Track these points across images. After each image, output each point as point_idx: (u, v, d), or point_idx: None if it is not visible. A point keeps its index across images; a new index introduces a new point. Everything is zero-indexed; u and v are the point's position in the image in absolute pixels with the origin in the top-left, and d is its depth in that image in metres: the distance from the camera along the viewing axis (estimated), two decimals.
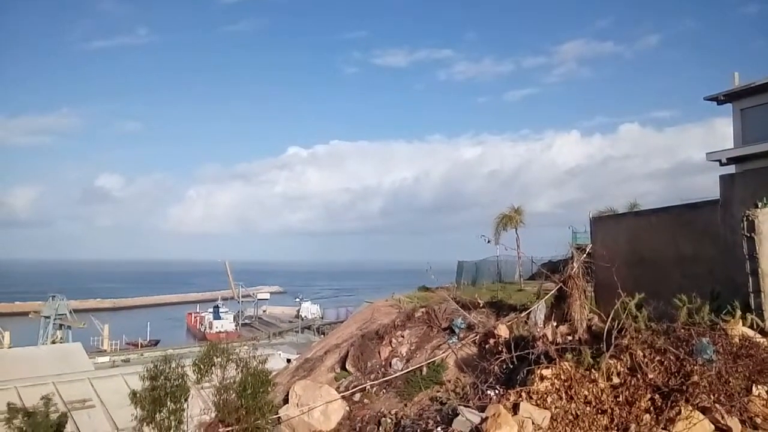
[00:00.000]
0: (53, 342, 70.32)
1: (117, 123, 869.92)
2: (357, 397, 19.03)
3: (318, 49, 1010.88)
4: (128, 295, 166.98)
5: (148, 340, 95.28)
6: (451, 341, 19.59)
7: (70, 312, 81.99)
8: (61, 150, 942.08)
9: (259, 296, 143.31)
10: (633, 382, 9.80)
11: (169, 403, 15.24)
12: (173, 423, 15.18)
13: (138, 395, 15.26)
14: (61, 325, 79.23)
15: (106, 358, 73.29)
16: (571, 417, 9.22)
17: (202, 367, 16.09)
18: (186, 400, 15.65)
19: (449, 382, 17.57)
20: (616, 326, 11.59)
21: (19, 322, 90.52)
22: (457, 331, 20.00)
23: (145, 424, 15.16)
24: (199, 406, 18.49)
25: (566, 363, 10.72)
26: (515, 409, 9.47)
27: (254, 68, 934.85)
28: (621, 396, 9.54)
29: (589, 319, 14.98)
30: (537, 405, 9.56)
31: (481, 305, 22.50)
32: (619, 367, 10.31)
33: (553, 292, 17.37)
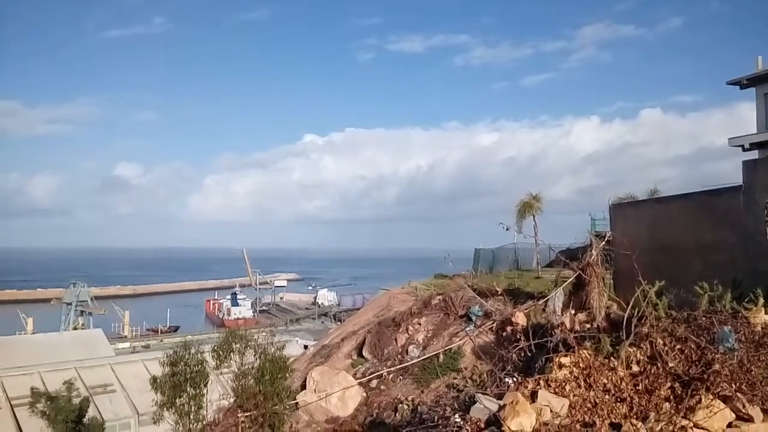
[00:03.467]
0: (75, 328, 71.55)
1: (134, 112, 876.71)
2: (374, 383, 19.12)
3: (333, 35, 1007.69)
4: (148, 282, 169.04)
5: (167, 326, 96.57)
6: (468, 329, 19.58)
7: (91, 299, 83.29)
8: (80, 139, 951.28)
9: (277, 283, 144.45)
10: (653, 371, 9.69)
11: (188, 388, 15.42)
12: (193, 408, 15.38)
13: (158, 380, 15.46)
14: (82, 312, 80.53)
15: (126, 344, 74.49)
16: (589, 405, 9.15)
17: (221, 353, 16.24)
18: (205, 385, 15.82)
19: (466, 369, 17.59)
20: (635, 314, 11.49)
21: (42, 309, 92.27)
22: (474, 318, 19.99)
23: (165, 408, 15.36)
24: (218, 392, 18.72)
25: (585, 351, 10.63)
26: (533, 396, 9.41)
27: (269, 55, 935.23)
28: (640, 384, 9.45)
29: (607, 307, 14.89)
30: (555, 393, 9.49)
31: (498, 293, 22.42)
32: (638, 355, 10.20)
33: (571, 279, 17.26)
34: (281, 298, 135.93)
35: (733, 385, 8.84)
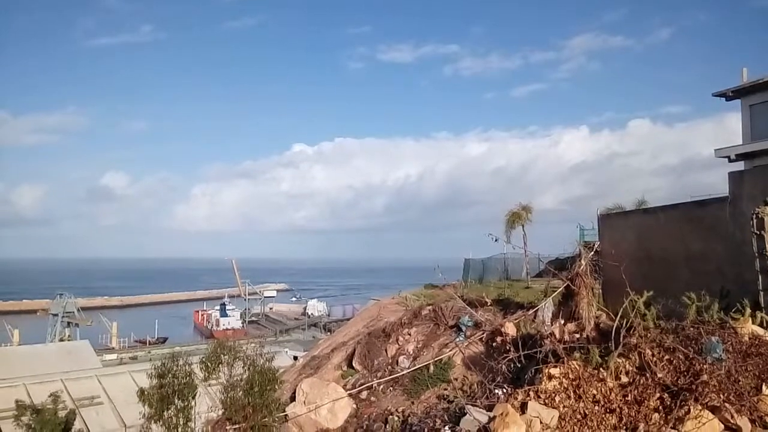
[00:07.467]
0: (61, 340, 70.64)
1: (122, 121, 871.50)
2: (364, 394, 19.04)
3: (323, 44, 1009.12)
4: (136, 293, 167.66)
5: (155, 337, 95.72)
6: (458, 339, 19.57)
7: (78, 310, 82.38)
8: (67, 148, 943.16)
9: (266, 294, 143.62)
10: (642, 381, 9.75)
11: (176, 400, 15.28)
12: (181, 420, 15.23)
13: (146, 393, 15.31)
14: (68, 323, 79.62)
15: (113, 356, 73.66)
16: (579, 416, 9.18)
17: (209, 364, 16.12)
18: (193, 397, 15.68)
19: (456, 380, 17.55)
20: (624, 325, 11.54)
21: (28, 320, 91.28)
22: (464, 329, 19.98)
23: (153, 421, 15.21)
24: (206, 404, 18.54)
25: (574, 362, 10.68)
26: (523, 408, 9.44)
27: (259, 65, 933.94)
28: (630, 395, 9.50)
29: (596, 317, 14.93)
30: (545, 404, 9.52)
31: (488, 303, 22.46)
32: (627, 366, 10.26)
33: (560, 290, 17.33)
34: (270, 309, 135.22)
35: (722, 396, 8.90)
